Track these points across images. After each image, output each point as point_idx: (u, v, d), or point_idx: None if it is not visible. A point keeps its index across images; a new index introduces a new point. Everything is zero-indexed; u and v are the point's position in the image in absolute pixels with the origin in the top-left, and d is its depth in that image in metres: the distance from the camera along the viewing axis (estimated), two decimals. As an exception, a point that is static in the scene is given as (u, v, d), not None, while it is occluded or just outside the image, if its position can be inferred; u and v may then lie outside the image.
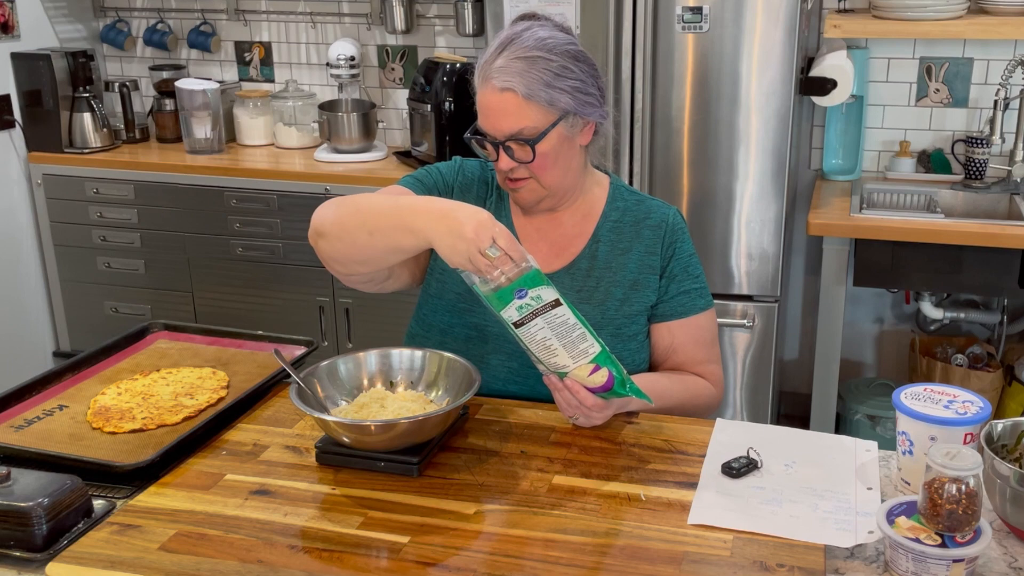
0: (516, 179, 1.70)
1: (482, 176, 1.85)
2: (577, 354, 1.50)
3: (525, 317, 1.46)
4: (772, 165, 2.92)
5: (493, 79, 1.63)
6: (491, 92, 1.64)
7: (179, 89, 3.75)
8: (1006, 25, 2.95)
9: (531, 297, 1.46)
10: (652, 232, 1.79)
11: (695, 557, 1.26)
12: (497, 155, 1.67)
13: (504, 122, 1.64)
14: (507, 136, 1.65)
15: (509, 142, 1.65)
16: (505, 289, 1.45)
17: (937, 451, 1.22)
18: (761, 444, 1.52)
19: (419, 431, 1.45)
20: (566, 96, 1.64)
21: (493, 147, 1.68)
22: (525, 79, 1.62)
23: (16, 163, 3.80)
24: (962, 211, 3.21)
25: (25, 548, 1.29)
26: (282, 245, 3.57)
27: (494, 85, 1.63)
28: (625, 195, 1.83)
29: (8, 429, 1.58)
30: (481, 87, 1.66)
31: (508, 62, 1.62)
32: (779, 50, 2.83)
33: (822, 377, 3.12)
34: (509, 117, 1.63)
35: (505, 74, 1.62)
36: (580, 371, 1.50)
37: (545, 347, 1.49)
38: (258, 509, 1.39)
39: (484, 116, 1.66)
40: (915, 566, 1.20)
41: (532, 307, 1.46)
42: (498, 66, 1.63)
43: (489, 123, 1.66)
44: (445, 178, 1.83)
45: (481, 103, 1.67)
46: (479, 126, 1.68)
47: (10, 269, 3.81)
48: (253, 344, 1.91)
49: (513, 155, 1.66)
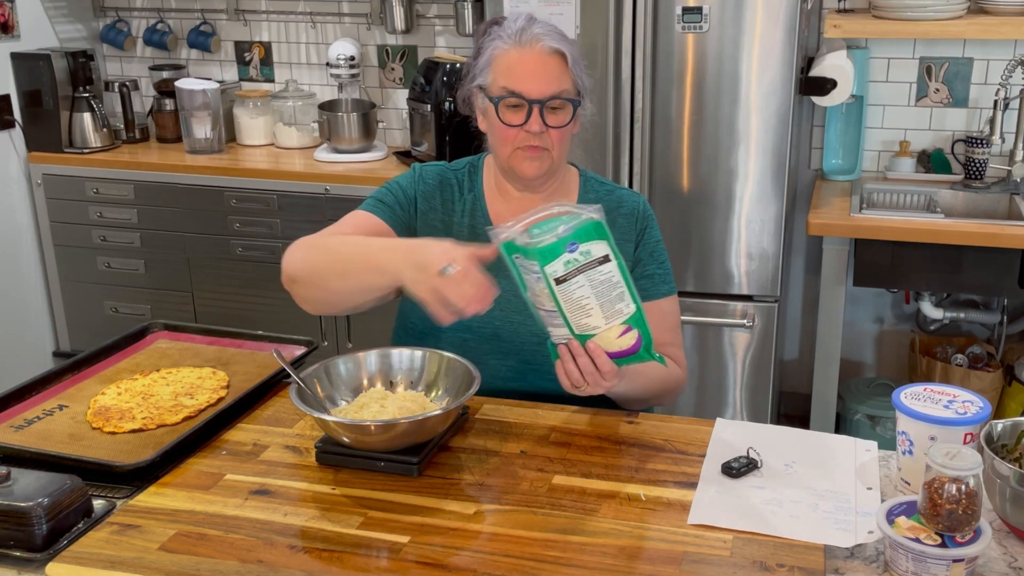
0: (535, 147, 1.70)
1: (445, 179, 1.84)
2: (612, 314, 1.44)
3: (569, 273, 1.40)
4: (772, 165, 2.92)
5: (542, 40, 1.67)
6: (539, 52, 1.67)
7: (179, 89, 3.75)
8: (1006, 25, 2.95)
9: (580, 252, 1.40)
10: (626, 220, 1.81)
11: (695, 557, 1.26)
12: (527, 118, 1.67)
13: (550, 82, 1.67)
14: (551, 95, 1.67)
15: (551, 102, 1.67)
16: (557, 242, 1.38)
17: (937, 451, 1.22)
18: (761, 444, 1.52)
19: (419, 431, 1.45)
20: (586, 79, 1.73)
21: (523, 111, 1.67)
22: (570, 47, 1.69)
23: (16, 163, 3.80)
24: (962, 211, 3.21)
25: (25, 548, 1.29)
26: (282, 245, 3.54)
27: (544, 46, 1.67)
28: (596, 185, 1.86)
29: (8, 429, 1.58)
30: (522, 48, 1.67)
31: (547, 31, 1.68)
32: (779, 50, 2.83)
33: (822, 377, 3.12)
34: (555, 78, 1.67)
35: (552, 38, 1.67)
36: (610, 332, 1.45)
37: (580, 307, 1.43)
38: (258, 509, 1.39)
39: (524, 77, 1.67)
40: (915, 566, 1.20)
41: (579, 263, 1.40)
42: (539, 31, 1.67)
43: (532, 83, 1.66)
44: (405, 191, 1.82)
45: (521, 64, 1.67)
46: (507, 88, 1.67)
47: (10, 269, 3.81)
48: (253, 344, 1.91)
49: (545, 120, 1.68)
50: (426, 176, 1.85)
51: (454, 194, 1.83)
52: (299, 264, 1.63)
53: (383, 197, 1.81)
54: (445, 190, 1.83)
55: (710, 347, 3.10)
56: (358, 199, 3.52)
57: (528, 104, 1.67)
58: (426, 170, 1.86)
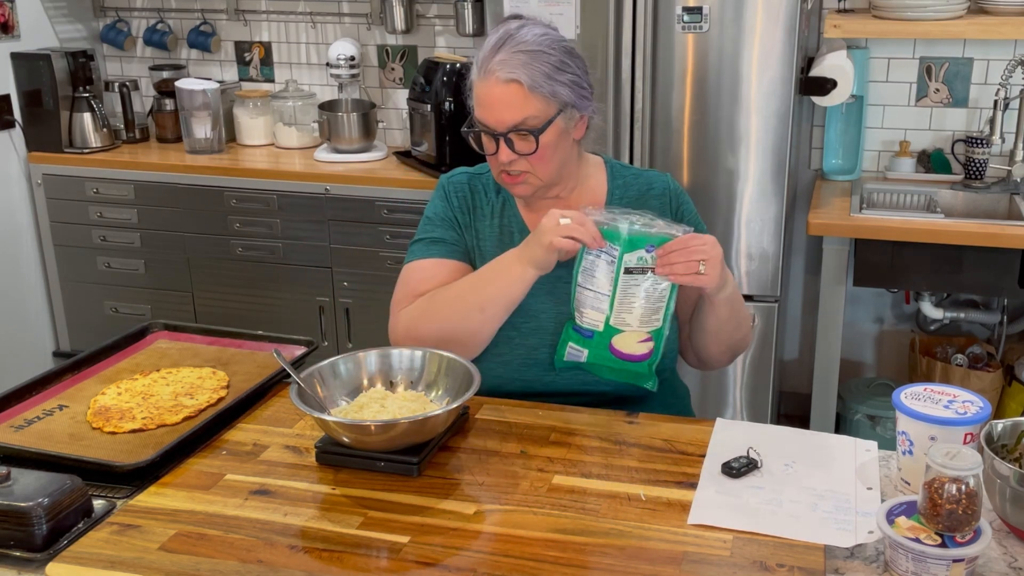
0: (513, 173, 1.71)
1: (472, 186, 1.85)
2: (645, 322, 1.62)
3: (636, 269, 1.58)
4: (772, 165, 2.92)
5: (497, 72, 1.65)
6: (495, 84, 1.65)
7: (179, 89, 3.75)
8: (1006, 25, 2.95)
9: (653, 256, 1.58)
10: (658, 201, 1.83)
11: (695, 557, 1.27)
12: (497, 148, 1.68)
13: (508, 113, 1.66)
14: (510, 127, 1.66)
15: (512, 134, 1.66)
16: (642, 237, 1.57)
17: (937, 451, 1.22)
18: (761, 444, 1.52)
19: (419, 431, 1.45)
20: (565, 89, 1.68)
21: (493, 140, 1.68)
22: (529, 71, 1.64)
23: (16, 163, 3.80)
24: (962, 211, 3.21)
25: (25, 548, 1.29)
26: (282, 245, 3.57)
27: (498, 77, 1.65)
28: (622, 171, 1.87)
29: (8, 429, 1.58)
30: (482, 80, 1.67)
31: (510, 55, 1.65)
32: (779, 50, 2.83)
33: (822, 377, 3.12)
34: (513, 108, 1.65)
35: (508, 66, 1.64)
36: (636, 335, 1.62)
37: (628, 303, 1.60)
38: (258, 509, 1.39)
39: (486, 108, 1.67)
40: (915, 566, 1.20)
41: (648, 264, 1.58)
42: (500, 59, 1.65)
43: (492, 115, 1.67)
44: (445, 217, 1.83)
45: (482, 96, 1.68)
46: (478, 119, 1.69)
47: (10, 269, 3.81)
48: (253, 344, 1.91)
49: (513, 147, 1.67)
50: (456, 187, 1.85)
51: (481, 199, 1.84)
52: (428, 332, 1.70)
53: (431, 234, 1.81)
54: (475, 196, 1.84)
55: (710, 347, 3.10)
56: (358, 199, 3.55)
57: (493, 136, 1.68)
58: (452, 180, 1.87)
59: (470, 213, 1.83)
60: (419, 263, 1.80)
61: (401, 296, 1.78)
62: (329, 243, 3.50)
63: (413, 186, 3.37)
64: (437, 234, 1.81)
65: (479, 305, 1.68)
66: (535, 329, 1.74)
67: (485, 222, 1.82)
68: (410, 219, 3.39)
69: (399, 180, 3.40)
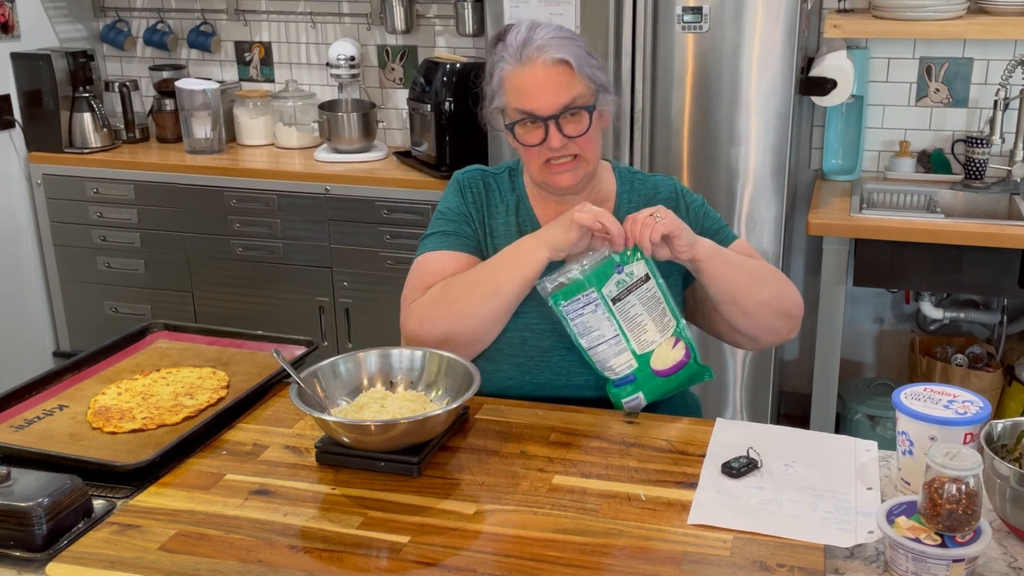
0: (562, 160, 1.69)
1: (486, 183, 1.85)
2: (663, 327, 1.64)
3: (621, 293, 1.61)
4: (772, 165, 2.92)
5: (541, 55, 1.64)
6: (540, 67, 1.64)
7: (179, 89, 3.75)
8: (1006, 25, 2.95)
9: (626, 273, 1.60)
10: (666, 204, 1.79)
11: (695, 557, 1.26)
12: (545, 134, 1.66)
13: (558, 94, 1.64)
14: (561, 108, 1.65)
15: (564, 114, 1.65)
16: (605, 264, 1.59)
17: (937, 451, 1.22)
18: (761, 444, 1.52)
19: (419, 431, 1.45)
20: (600, 73, 1.70)
21: (540, 127, 1.66)
22: (573, 51, 1.66)
23: (16, 163, 3.80)
24: (962, 211, 3.21)
25: (25, 548, 1.29)
26: (282, 245, 3.57)
27: (545, 59, 1.64)
28: (629, 176, 1.87)
29: (8, 429, 1.58)
30: (523, 67, 1.66)
31: (548, 40, 1.65)
32: (779, 50, 2.83)
33: (822, 377, 3.12)
34: (562, 88, 1.65)
35: (552, 48, 1.64)
36: (666, 345, 1.64)
37: (637, 324, 1.62)
38: (258, 509, 1.39)
39: (532, 94, 1.65)
40: (915, 566, 1.20)
41: (627, 283, 1.61)
42: (539, 45, 1.65)
43: (540, 99, 1.65)
44: (459, 212, 1.82)
45: (527, 82, 1.66)
46: (519, 109, 1.67)
47: (10, 269, 3.81)
48: (253, 344, 1.91)
49: (563, 131, 1.66)
50: (470, 182, 1.85)
51: (495, 196, 1.84)
52: (441, 321, 1.69)
53: (444, 228, 1.81)
54: (489, 192, 1.84)
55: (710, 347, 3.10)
56: (358, 199, 3.55)
57: (543, 121, 1.66)
58: (467, 176, 1.86)
59: (484, 209, 1.82)
60: (431, 255, 1.78)
61: (412, 289, 1.77)
62: (329, 243, 3.50)
63: (413, 186, 3.37)
64: (450, 228, 1.80)
65: (493, 289, 1.66)
66: (549, 331, 1.73)
67: (499, 219, 1.82)
68: (410, 219, 3.39)
69: (399, 180, 3.40)
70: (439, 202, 1.86)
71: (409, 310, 1.74)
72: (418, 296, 1.74)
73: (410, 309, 1.74)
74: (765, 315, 1.76)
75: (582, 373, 1.72)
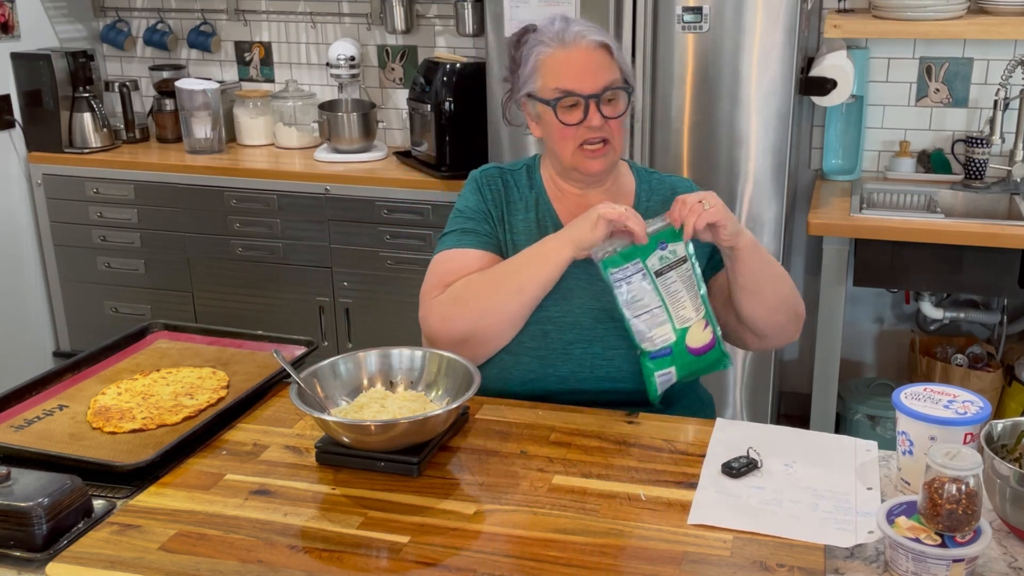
0: (595, 144, 1.73)
1: (504, 180, 1.86)
2: (696, 307, 1.69)
3: (664, 268, 1.65)
4: (772, 165, 2.92)
5: (583, 39, 1.72)
6: (584, 48, 1.71)
7: (179, 89, 3.75)
8: (1006, 25, 2.95)
9: (669, 250, 1.65)
10: None
11: (695, 557, 1.27)
12: (585, 114, 1.71)
13: (601, 75, 1.71)
14: (603, 87, 1.71)
15: (605, 94, 1.71)
16: (651, 240, 1.64)
17: (937, 451, 1.22)
18: (761, 444, 1.52)
19: (419, 431, 1.45)
20: (628, 66, 1.78)
21: (581, 107, 1.70)
22: (611, 39, 1.74)
23: (16, 163, 3.80)
24: (962, 211, 3.21)
25: (25, 548, 1.29)
26: (282, 245, 3.57)
27: (588, 42, 1.72)
28: (647, 175, 1.90)
29: (8, 429, 1.58)
30: (565, 49, 1.72)
31: (585, 27, 1.73)
32: (779, 50, 2.83)
33: (822, 377, 3.12)
34: (604, 70, 1.72)
35: (593, 33, 1.73)
36: (698, 325, 1.68)
37: (677, 299, 1.67)
38: (258, 509, 1.39)
39: (575, 74, 1.71)
40: (915, 566, 1.20)
41: (669, 260, 1.65)
42: (578, 30, 1.72)
43: (584, 79, 1.70)
44: (478, 209, 1.82)
45: (571, 62, 1.71)
46: (560, 89, 1.71)
47: (10, 269, 3.81)
48: (253, 344, 1.91)
49: (601, 111, 1.71)
50: (489, 180, 1.86)
51: (514, 193, 1.85)
52: (463, 319, 1.70)
53: (464, 226, 1.81)
54: (508, 190, 1.85)
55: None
56: (358, 199, 3.55)
57: (584, 100, 1.70)
58: (485, 173, 1.87)
59: (503, 206, 1.83)
60: (451, 252, 1.79)
61: (431, 285, 1.77)
62: (329, 243, 3.50)
63: (413, 186, 3.37)
64: (469, 226, 1.81)
65: (517, 286, 1.68)
66: (571, 324, 1.74)
67: (519, 216, 1.83)
68: (410, 219, 3.39)
69: (399, 180, 3.40)
70: (457, 200, 1.87)
71: (430, 307, 1.75)
72: (438, 293, 1.75)
73: (431, 306, 1.75)
74: (783, 311, 1.80)
75: (604, 366, 1.73)
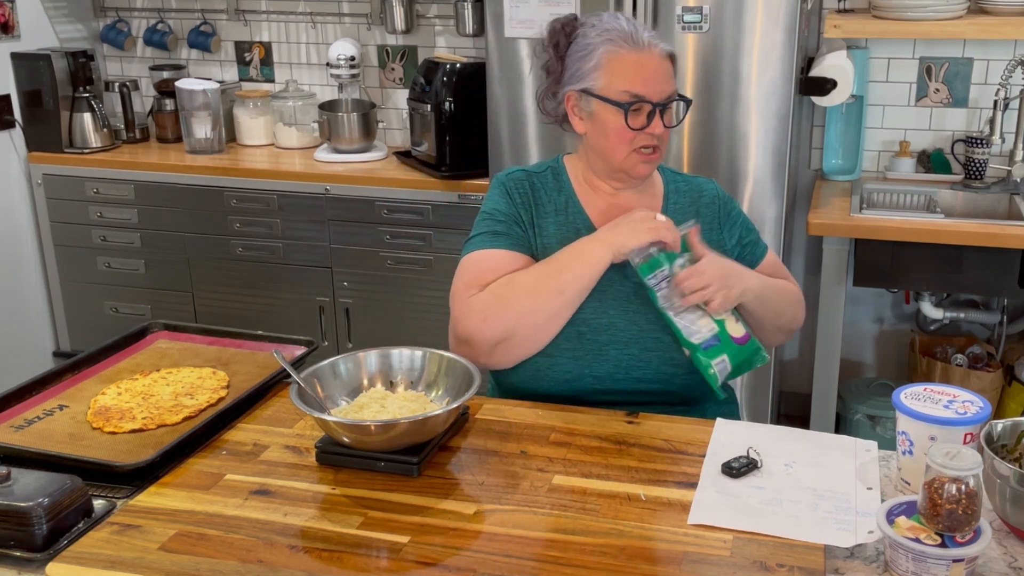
0: (648, 150, 1.75)
1: (531, 183, 1.84)
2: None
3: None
4: (772, 165, 2.92)
5: (657, 45, 1.74)
6: (659, 56, 1.74)
7: (179, 89, 3.75)
8: (1006, 25, 2.95)
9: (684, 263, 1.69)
10: (708, 209, 1.86)
11: (695, 557, 1.27)
12: (649, 120, 1.72)
13: (668, 83, 1.74)
14: (669, 97, 1.73)
15: (670, 103, 1.74)
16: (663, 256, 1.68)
17: (937, 451, 1.22)
18: (761, 444, 1.52)
19: (419, 431, 1.45)
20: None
21: (646, 113, 1.72)
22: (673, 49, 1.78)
23: (16, 163, 3.80)
24: (962, 211, 3.21)
25: (25, 548, 1.29)
26: (282, 245, 3.57)
27: (661, 49, 1.74)
28: (674, 177, 1.91)
29: (8, 429, 1.58)
30: (640, 52, 1.73)
31: (652, 33, 1.75)
32: (779, 50, 2.82)
33: (822, 377, 3.12)
34: (670, 80, 1.75)
35: (662, 40, 1.75)
36: (730, 319, 1.71)
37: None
38: (258, 509, 1.39)
39: (647, 80, 1.72)
40: (915, 566, 1.20)
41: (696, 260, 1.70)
42: (650, 36, 1.74)
43: (655, 85, 1.72)
44: (507, 213, 1.81)
45: (644, 66, 1.72)
46: (630, 92, 1.71)
47: (10, 269, 3.81)
48: (253, 344, 1.91)
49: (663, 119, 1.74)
50: (516, 183, 1.84)
51: (542, 196, 1.83)
52: (504, 318, 1.69)
53: (494, 228, 1.80)
54: (536, 193, 1.83)
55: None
56: (358, 199, 3.55)
57: (652, 106, 1.71)
58: (511, 177, 1.85)
59: (533, 209, 1.82)
60: (483, 253, 1.77)
61: (465, 284, 1.74)
62: (329, 243, 3.50)
63: (413, 186, 3.37)
64: (501, 228, 1.79)
65: (558, 288, 1.68)
66: (607, 326, 1.74)
67: (549, 219, 1.81)
68: (410, 219, 3.39)
69: (399, 180, 3.40)
70: (483, 204, 1.85)
71: (468, 306, 1.71)
72: (473, 292, 1.72)
73: (469, 305, 1.71)
74: (778, 337, 1.92)
75: (640, 367, 1.74)
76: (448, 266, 3.38)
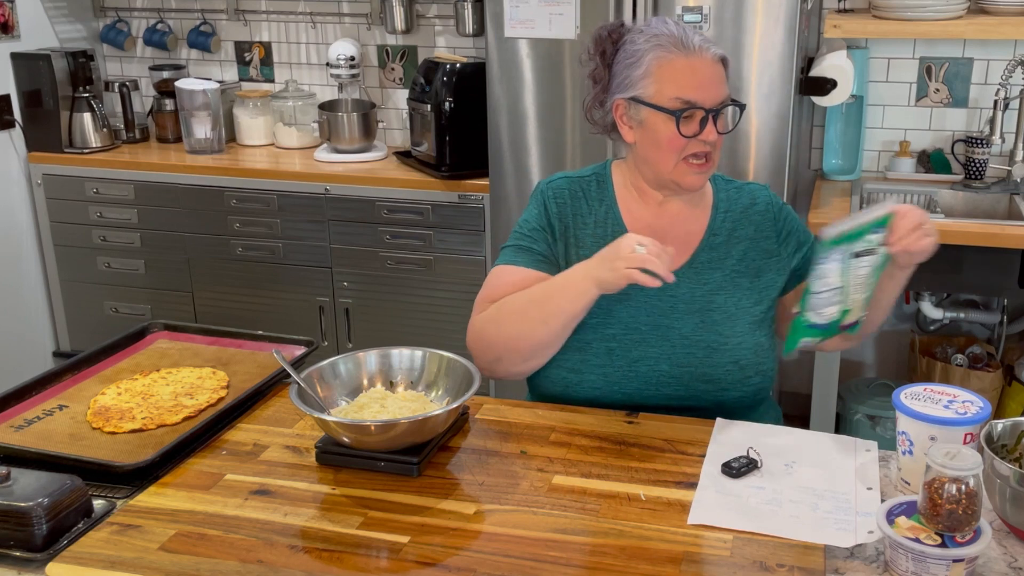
0: (700, 159, 1.69)
1: (573, 191, 1.81)
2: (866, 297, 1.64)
3: (865, 252, 1.60)
4: (772, 165, 2.92)
5: (708, 49, 1.67)
6: (711, 61, 1.67)
7: (179, 89, 3.75)
8: (1006, 25, 2.95)
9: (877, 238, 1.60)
10: (762, 217, 1.80)
11: (695, 557, 1.27)
12: (703, 127, 1.66)
13: (721, 89, 1.68)
14: (721, 103, 1.67)
15: (723, 109, 1.67)
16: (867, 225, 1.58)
17: (937, 451, 1.22)
18: (761, 444, 1.52)
19: (419, 431, 1.46)
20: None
21: (700, 119, 1.66)
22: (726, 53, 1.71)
23: (16, 163, 3.80)
24: (962, 211, 3.20)
25: (25, 548, 1.29)
26: (282, 245, 3.57)
27: (713, 54, 1.67)
28: (724, 184, 1.85)
29: (8, 429, 1.58)
30: (691, 57, 1.66)
31: (703, 37, 1.69)
32: (779, 50, 2.82)
33: (822, 377, 3.12)
34: (723, 85, 1.69)
35: (713, 44, 1.69)
36: (859, 308, 1.64)
37: (861, 281, 1.61)
38: (258, 509, 1.39)
39: (700, 85, 1.66)
40: (915, 566, 1.20)
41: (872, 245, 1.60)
42: (701, 40, 1.68)
43: (708, 91, 1.66)
44: (537, 226, 1.78)
45: (696, 72, 1.66)
46: (682, 99, 1.65)
47: (10, 269, 3.81)
48: (253, 344, 1.91)
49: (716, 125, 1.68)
50: (556, 192, 1.81)
51: (582, 205, 1.80)
52: (494, 341, 1.69)
53: (520, 242, 1.79)
54: (575, 202, 1.80)
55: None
56: (358, 199, 3.55)
57: (706, 113, 1.65)
58: (552, 186, 1.82)
59: (569, 219, 1.78)
60: (505, 268, 1.76)
61: (481, 299, 1.76)
62: (329, 243, 3.50)
63: (413, 186, 3.37)
64: (525, 243, 1.77)
65: (542, 317, 1.65)
66: (637, 342, 1.70)
67: (587, 230, 1.78)
68: (410, 219, 3.39)
69: (399, 180, 3.40)
70: (524, 211, 1.83)
71: (472, 324, 1.74)
72: (485, 307, 1.73)
73: (472, 323, 1.74)
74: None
75: (671, 384, 1.71)
76: (448, 266, 3.40)
